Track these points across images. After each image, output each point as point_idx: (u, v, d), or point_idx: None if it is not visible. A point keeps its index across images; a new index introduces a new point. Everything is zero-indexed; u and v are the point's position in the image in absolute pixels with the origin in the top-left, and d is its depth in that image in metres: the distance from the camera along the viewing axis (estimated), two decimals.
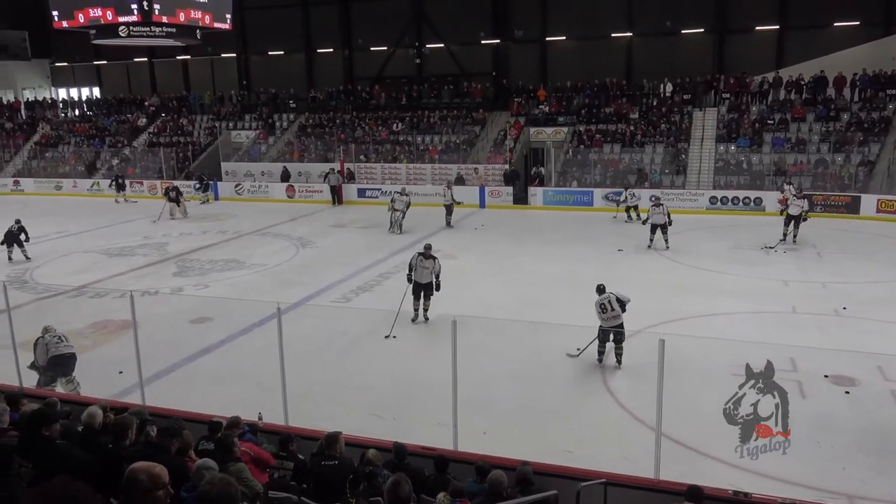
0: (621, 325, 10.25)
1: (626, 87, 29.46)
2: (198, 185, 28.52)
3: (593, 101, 29.11)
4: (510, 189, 25.93)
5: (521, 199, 25.88)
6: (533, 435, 8.22)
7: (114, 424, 4.89)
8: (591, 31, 30.95)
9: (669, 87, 28.32)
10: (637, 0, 30.12)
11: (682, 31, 29.86)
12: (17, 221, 18.36)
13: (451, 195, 22.28)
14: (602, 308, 10.33)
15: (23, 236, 18.17)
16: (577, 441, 8.08)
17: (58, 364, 9.33)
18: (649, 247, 17.99)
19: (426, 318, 12.50)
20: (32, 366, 9.43)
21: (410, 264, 12.48)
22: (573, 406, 9.29)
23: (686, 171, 25.30)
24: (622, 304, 10.29)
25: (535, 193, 25.69)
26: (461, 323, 7.08)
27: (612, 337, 10.26)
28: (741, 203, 23.36)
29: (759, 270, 15.72)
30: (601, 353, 10.40)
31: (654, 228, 17.97)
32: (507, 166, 26.80)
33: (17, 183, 32.59)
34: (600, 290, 10.63)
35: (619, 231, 20.41)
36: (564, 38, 31.73)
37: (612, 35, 30.85)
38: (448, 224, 22.01)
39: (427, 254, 12.47)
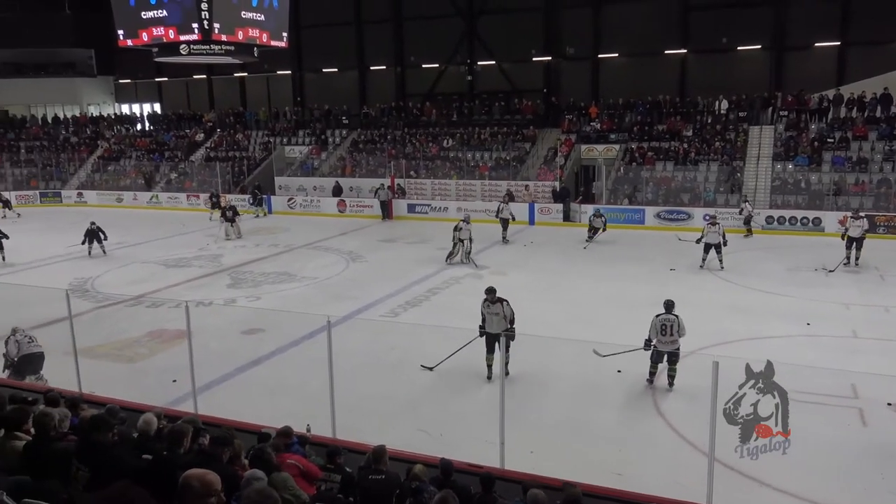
0: (677, 348, 9.99)
1: (679, 105, 29.11)
2: (252, 200, 29.19)
3: (646, 119, 28.85)
4: (560, 206, 25.78)
5: (570, 216, 25.68)
6: (582, 455, 8.10)
7: (170, 432, 5.00)
8: (643, 47, 30.72)
9: (725, 105, 27.87)
10: (692, 17, 29.80)
11: (739, 48, 29.38)
12: (93, 223, 20.84)
13: (510, 211, 22.30)
14: (663, 329, 9.94)
15: (101, 235, 20.75)
16: (627, 464, 7.92)
17: (28, 362, 9.89)
18: (701, 267, 17.62)
19: (507, 373, 9.68)
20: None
21: (482, 313, 10.89)
22: (623, 427, 9.12)
23: (741, 190, 24.78)
24: (680, 333, 9.99)
25: (585, 211, 25.47)
26: (512, 341, 7.04)
27: (665, 357, 9.99)
28: (799, 223, 22.73)
29: (818, 293, 15.24)
30: (652, 373, 10.17)
31: (707, 248, 17.57)
32: (556, 183, 26.68)
33: (80, 195, 33.80)
34: (668, 306, 10.15)
35: (672, 250, 20.06)
36: (616, 55, 31.57)
37: (666, 52, 30.56)
38: (504, 239, 21.97)
39: (492, 298, 10.75)
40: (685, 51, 30.36)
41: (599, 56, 31.77)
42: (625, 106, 29.67)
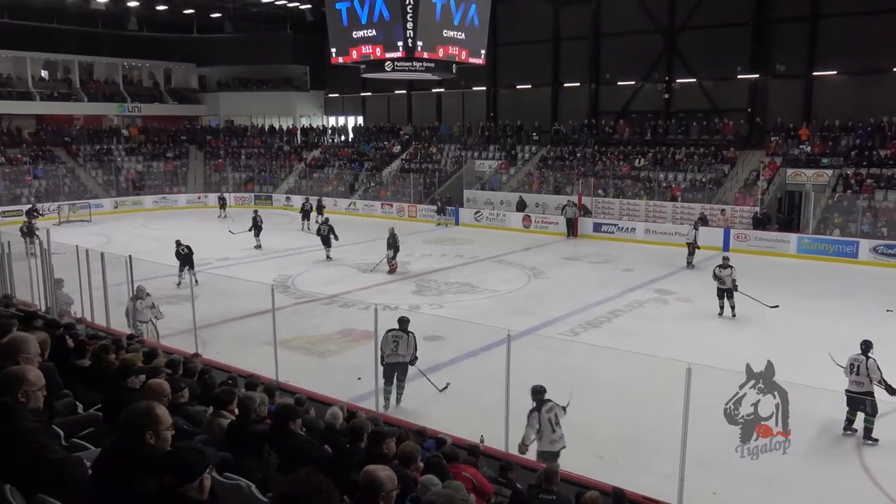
0: (869, 394, 9.00)
1: None
2: (437, 209, 30.38)
3: (865, 143, 26.19)
4: (759, 233, 24.06)
5: (769, 244, 23.87)
6: None
7: (351, 427, 5.24)
8: (867, 64, 27.83)
9: None
10: None
11: None
12: (255, 211, 25.11)
13: (696, 235, 21.25)
14: (851, 368, 9.19)
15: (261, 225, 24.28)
16: None
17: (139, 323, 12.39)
18: None
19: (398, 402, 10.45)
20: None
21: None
22: (819, 480, 8.28)
23: None
24: (870, 377, 9.02)
25: (788, 240, 23.57)
26: (696, 372, 6.67)
27: (865, 405, 9.02)
28: None
29: None
30: (849, 420, 9.21)
31: None
32: (757, 209, 24.95)
33: (288, 199, 36.86)
34: (864, 347, 9.34)
35: (891, 288, 17.97)
36: (835, 72, 28.92)
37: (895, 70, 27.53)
38: (689, 264, 20.94)
39: (402, 328, 10.59)
40: None
41: (814, 74, 29.31)
42: (841, 128, 27.14)
